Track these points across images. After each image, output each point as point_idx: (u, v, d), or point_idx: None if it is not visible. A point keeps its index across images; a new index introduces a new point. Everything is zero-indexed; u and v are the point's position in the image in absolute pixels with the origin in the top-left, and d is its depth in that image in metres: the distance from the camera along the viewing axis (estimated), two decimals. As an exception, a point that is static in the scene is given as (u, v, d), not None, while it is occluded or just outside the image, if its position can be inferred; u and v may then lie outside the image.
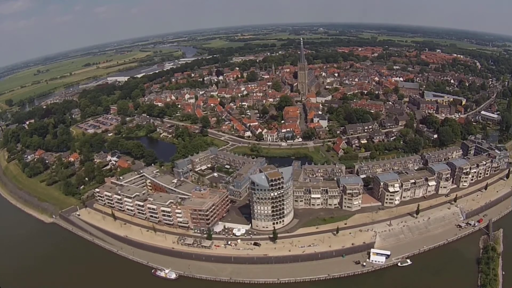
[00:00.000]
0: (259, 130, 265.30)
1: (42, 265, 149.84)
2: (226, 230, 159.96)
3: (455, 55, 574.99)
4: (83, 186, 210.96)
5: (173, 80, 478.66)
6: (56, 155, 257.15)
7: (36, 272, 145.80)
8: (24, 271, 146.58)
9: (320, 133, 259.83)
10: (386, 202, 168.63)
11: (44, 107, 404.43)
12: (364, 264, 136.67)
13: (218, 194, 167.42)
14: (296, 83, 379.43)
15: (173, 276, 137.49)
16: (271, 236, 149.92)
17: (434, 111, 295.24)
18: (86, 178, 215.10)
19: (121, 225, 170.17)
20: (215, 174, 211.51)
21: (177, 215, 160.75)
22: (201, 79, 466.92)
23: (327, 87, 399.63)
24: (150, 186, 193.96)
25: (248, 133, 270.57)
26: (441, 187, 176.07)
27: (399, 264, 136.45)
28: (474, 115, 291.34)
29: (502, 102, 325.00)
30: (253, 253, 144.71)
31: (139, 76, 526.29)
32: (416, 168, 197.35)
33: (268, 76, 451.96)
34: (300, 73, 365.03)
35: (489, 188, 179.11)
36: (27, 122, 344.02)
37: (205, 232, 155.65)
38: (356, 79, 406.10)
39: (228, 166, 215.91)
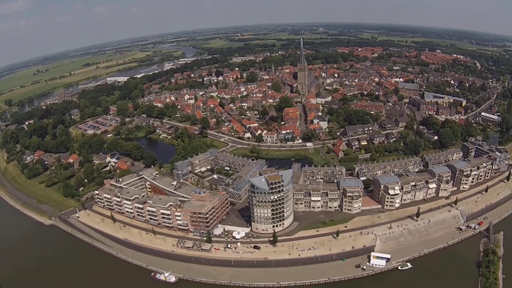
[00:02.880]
0: (259, 131, 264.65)
1: (41, 267, 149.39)
2: (226, 233, 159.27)
3: (455, 55, 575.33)
4: (82, 187, 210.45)
5: (172, 80, 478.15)
6: (56, 156, 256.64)
7: (35, 274, 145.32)
8: (23, 273, 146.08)
9: (320, 134, 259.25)
10: (386, 205, 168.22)
11: (44, 107, 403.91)
12: (364, 267, 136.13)
13: (217, 197, 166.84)
14: (296, 84, 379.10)
15: (173, 279, 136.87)
16: (271, 239, 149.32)
17: (434, 113, 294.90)
18: (86, 180, 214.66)
19: (121, 228, 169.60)
20: (215, 176, 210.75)
21: (177, 218, 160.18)
22: (200, 80, 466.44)
23: (327, 88, 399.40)
24: (149, 188, 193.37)
25: (248, 135, 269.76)
26: (441, 189, 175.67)
27: (399, 267, 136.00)
28: (474, 116, 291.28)
29: (502, 103, 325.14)
30: (253, 257, 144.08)
31: (138, 76, 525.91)
32: (416, 170, 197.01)
33: (268, 77, 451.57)
34: (300, 73, 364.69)
35: (489, 191, 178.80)
36: (27, 123, 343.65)
37: (204, 235, 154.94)
38: (356, 80, 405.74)
39: (227, 168, 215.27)
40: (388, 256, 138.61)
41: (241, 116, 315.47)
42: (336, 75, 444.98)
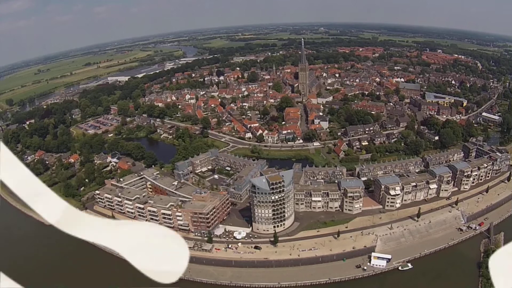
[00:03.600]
0: (260, 131, 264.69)
1: (41, 267, 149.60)
2: (227, 233, 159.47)
3: (456, 55, 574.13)
4: (83, 187, 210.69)
5: (173, 80, 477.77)
6: (56, 156, 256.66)
7: (35, 274, 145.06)
8: (23, 273, 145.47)
9: (321, 134, 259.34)
10: (387, 205, 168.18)
11: (44, 107, 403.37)
12: (365, 268, 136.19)
13: (218, 197, 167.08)
14: (297, 84, 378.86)
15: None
16: (272, 239, 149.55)
17: (435, 113, 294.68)
18: (86, 180, 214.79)
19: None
20: (216, 176, 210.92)
21: (178, 218, 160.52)
22: (201, 79, 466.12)
23: (328, 88, 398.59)
24: (150, 188, 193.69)
25: (249, 135, 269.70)
26: (442, 190, 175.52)
27: (400, 268, 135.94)
28: (475, 116, 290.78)
29: (503, 104, 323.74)
30: (254, 257, 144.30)
31: (139, 76, 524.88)
32: (417, 170, 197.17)
33: (269, 77, 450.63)
34: (301, 73, 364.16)
35: (490, 191, 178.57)
36: (27, 122, 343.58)
37: (205, 235, 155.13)
38: (357, 80, 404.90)
39: (228, 168, 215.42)
40: (389, 256, 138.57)
41: (242, 116, 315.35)
42: (337, 75, 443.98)
